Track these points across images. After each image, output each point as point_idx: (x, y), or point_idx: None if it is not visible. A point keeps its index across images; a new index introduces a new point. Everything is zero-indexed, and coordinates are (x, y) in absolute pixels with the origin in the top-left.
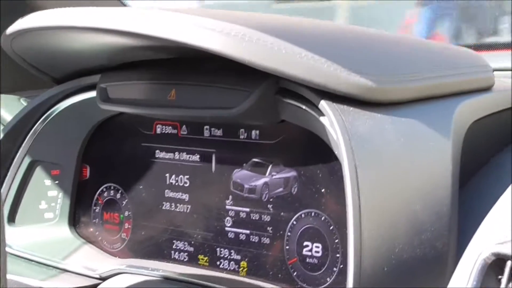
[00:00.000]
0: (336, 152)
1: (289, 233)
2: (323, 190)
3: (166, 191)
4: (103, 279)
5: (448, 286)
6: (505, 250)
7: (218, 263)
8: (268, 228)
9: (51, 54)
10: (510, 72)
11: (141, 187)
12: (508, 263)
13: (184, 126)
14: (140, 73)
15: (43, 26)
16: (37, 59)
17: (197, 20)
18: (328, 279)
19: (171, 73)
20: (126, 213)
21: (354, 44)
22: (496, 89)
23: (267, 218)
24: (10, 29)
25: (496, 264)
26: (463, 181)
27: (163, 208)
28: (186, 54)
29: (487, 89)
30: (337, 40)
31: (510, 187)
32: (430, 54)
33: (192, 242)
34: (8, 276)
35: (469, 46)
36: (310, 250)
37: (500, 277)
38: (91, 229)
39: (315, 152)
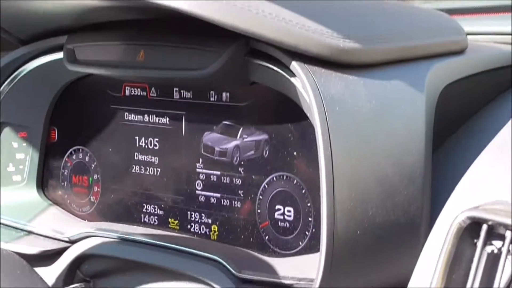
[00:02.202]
0: (308, 114)
1: (260, 197)
2: (294, 153)
3: (136, 153)
4: (72, 242)
5: (423, 250)
6: (480, 214)
7: (188, 226)
8: (239, 192)
9: (16, 14)
10: (485, 36)
11: (110, 150)
12: (484, 227)
13: (153, 88)
14: (108, 34)
15: None
16: (2, 19)
17: None
18: (300, 243)
19: (139, 34)
20: (95, 176)
21: (326, 5)
22: (469, 52)
23: (238, 181)
24: None
25: (471, 228)
26: (436, 144)
27: (133, 171)
28: (155, 14)
29: (460, 52)
30: (309, 1)
31: (484, 150)
32: (402, 16)
33: (162, 206)
34: None
35: (445, 10)
36: (282, 214)
37: (475, 241)
38: (60, 192)
39: (286, 114)
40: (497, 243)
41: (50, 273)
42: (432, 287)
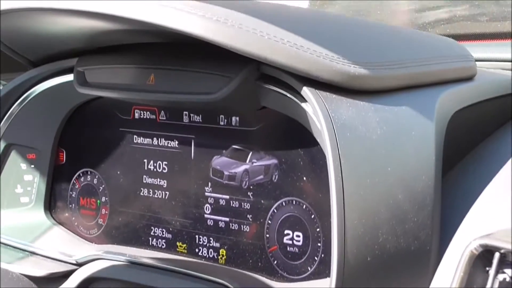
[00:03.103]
0: (318, 140)
1: (269, 221)
2: (304, 178)
3: (144, 177)
4: (79, 264)
5: (434, 277)
6: (493, 241)
7: (196, 250)
8: (248, 216)
9: (27, 36)
10: (494, 62)
11: (118, 172)
12: (496, 254)
13: (162, 111)
14: (119, 57)
15: (19, 7)
16: (13, 41)
17: (178, 3)
18: (309, 268)
19: (150, 58)
20: (103, 199)
21: (338, 31)
22: (479, 79)
23: (247, 205)
24: None
25: (483, 255)
26: (445, 170)
27: (141, 194)
28: (166, 38)
29: (469, 78)
30: (321, 27)
31: (495, 177)
32: (413, 43)
33: (170, 229)
34: None
35: (453, 36)
36: (291, 239)
37: (488, 268)
38: (67, 214)
39: (296, 139)
40: (509, 271)
41: None
42: None
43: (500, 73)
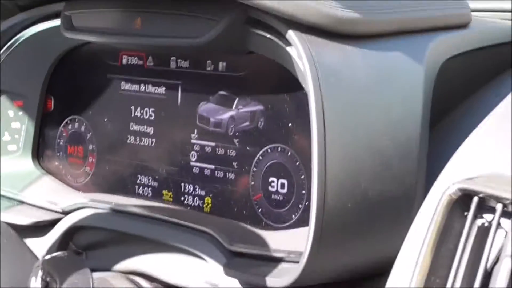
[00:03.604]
0: (303, 85)
1: (254, 169)
2: (290, 125)
3: (131, 124)
4: (66, 213)
5: (413, 223)
6: (471, 185)
7: (182, 198)
8: (233, 163)
9: None
10: (492, 13)
11: (105, 119)
12: (475, 199)
13: (150, 57)
14: (106, 1)
15: None
16: None
17: None
18: (293, 216)
19: (137, 1)
20: (91, 147)
21: None
22: (473, 27)
23: (232, 153)
24: None
25: (462, 200)
26: (434, 120)
27: (128, 142)
28: None
29: (463, 26)
30: None
31: (481, 124)
32: None
33: (157, 177)
34: None
35: None
36: (276, 186)
37: (466, 213)
38: (55, 163)
39: (283, 85)
40: (488, 216)
41: (43, 244)
42: (420, 260)
43: (496, 21)
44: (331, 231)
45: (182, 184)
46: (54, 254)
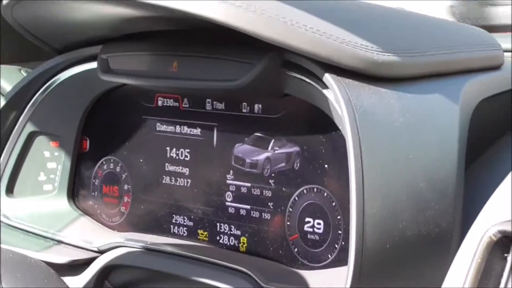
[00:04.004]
0: (340, 127)
1: (290, 209)
2: (326, 166)
3: (166, 164)
4: (101, 252)
5: (452, 264)
6: (511, 227)
7: (218, 238)
8: (269, 204)
9: (52, 24)
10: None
11: (141, 160)
12: None
13: (185, 99)
14: (142, 44)
15: None
16: (38, 29)
17: None
18: (329, 256)
19: (173, 45)
20: (126, 187)
21: (361, 18)
22: (506, 68)
23: (268, 193)
24: None
25: (502, 242)
26: (469, 160)
27: (163, 182)
28: (189, 25)
29: (496, 67)
30: (344, 13)
31: None
32: (438, 30)
33: (192, 217)
34: (5, 247)
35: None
36: (312, 227)
37: (506, 255)
38: (90, 202)
39: (318, 127)
40: None
41: (79, 282)
42: None
43: None
44: (369, 271)
45: (218, 224)
46: None
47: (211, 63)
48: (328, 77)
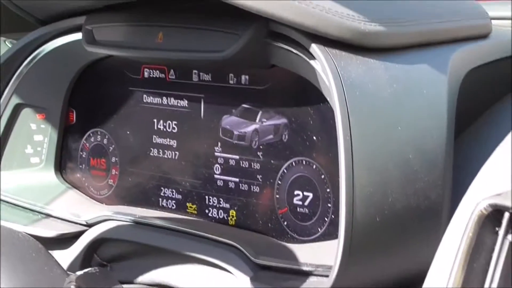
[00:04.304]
0: (328, 98)
1: (279, 182)
2: (314, 138)
3: (154, 137)
4: (89, 225)
5: (443, 238)
6: (503, 201)
7: (206, 211)
8: (258, 176)
9: None
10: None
11: (128, 132)
12: (506, 214)
13: (172, 70)
14: (127, 15)
15: None
16: None
17: None
18: (319, 229)
19: (158, 15)
20: (113, 159)
21: None
22: (494, 37)
23: (257, 166)
24: None
25: (493, 215)
26: (458, 130)
27: (151, 154)
28: None
29: (484, 36)
30: None
31: (508, 136)
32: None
33: (180, 190)
34: None
35: None
36: (301, 200)
37: (497, 229)
38: (78, 175)
39: (306, 98)
40: None
41: (67, 256)
42: (453, 275)
43: None
44: (359, 245)
45: (206, 197)
46: (86, 270)
47: (197, 34)
48: (314, 48)
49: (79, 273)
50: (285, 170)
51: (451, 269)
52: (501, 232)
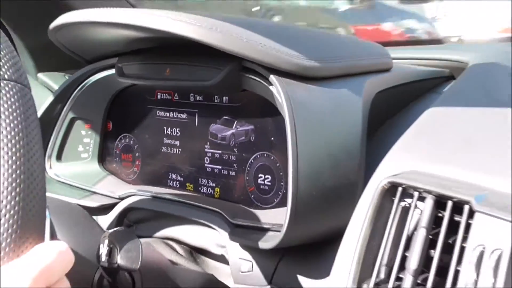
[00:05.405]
0: (281, 112)
1: (248, 168)
2: (272, 139)
3: (164, 139)
4: (121, 199)
5: (358, 205)
6: (397, 179)
7: (200, 189)
8: (234, 165)
9: (84, 43)
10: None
11: (147, 136)
12: (399, 188)
13: (176, 93)
14: (146, 56)
15: (79, 21)
16: (74, 46)
17: (186, 17)
18: (275, 200)
19: (166, 56)
20: (137, 154)
21: (294, 35)
22: (394, 70)
23: (233, 158)
24: (54, 24)
25: (390, 189)
26: (371, 133)
27: (162, 150)
28: (177, 42)
29: (387, 70)
30: (283, 33)
31: (403, 135)
32: (347, 43)
33: (182, 174)
34: (56, 196)
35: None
36: (263, 180)
37: (393, 198)
38: (114, 165)
39: (267, 112)
40: (408, 200)
41: (106, 220)
42: (363, 230)
43: (409, 67)
44: (301, 211)
45: (199, 179)
46: (115, 229)
47: (193, 68)
48: (272, 78)
49: (110, 230)
50: (252, 160)
51: (362, 225)
52: (396, 200)
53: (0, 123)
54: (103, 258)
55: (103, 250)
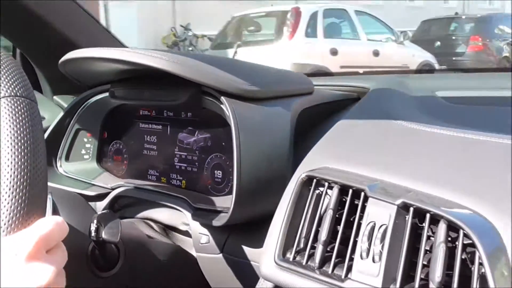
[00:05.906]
0: (230, 125)
1: (206, 166)
2: (223, 143)
3: (145, 144)
4: (112, 189)
5: (284, 193)
6: (313, 173)
7: (171, 181)
8: (196, 163)
9: (87, 73)
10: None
11: (132, 142)
12: (314, 180)
13: (153, 110)
14: (132, 83)
15: (82, 56)
16: (79, 75)
17: (163, 55)
18: (225, 189)
19: (147, 83)
20: (125, 156)
21: (240, 67)
22: (315, 94)
23: (195, 158)
24: (63, 59)
25: (308, 181)
26: (298, 141)
27: (143, 153)
28: (154, 73)
29: (310, 93)
30: (232, 65)
31: (320, 141)
32: (280, 73)
33: (158, 171)
34: (64, 187)
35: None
36: (217, 175)
37: (310, 188)
38: (108, 164)
39: (220, 124)
40: (321, 188)
41: (101, 205)
42: (287, 211)
43: (328, 91)
44: (244, 197)
45: (171, 174)
46: (102, 211)
47: (166, 92)
48: (223, 99)
49: (99, 213)
50: (209, 160)
51: (286, 208)
52: (311, 189)
53: (13, 128)
54: (92, 233)
55: (92, 227)
